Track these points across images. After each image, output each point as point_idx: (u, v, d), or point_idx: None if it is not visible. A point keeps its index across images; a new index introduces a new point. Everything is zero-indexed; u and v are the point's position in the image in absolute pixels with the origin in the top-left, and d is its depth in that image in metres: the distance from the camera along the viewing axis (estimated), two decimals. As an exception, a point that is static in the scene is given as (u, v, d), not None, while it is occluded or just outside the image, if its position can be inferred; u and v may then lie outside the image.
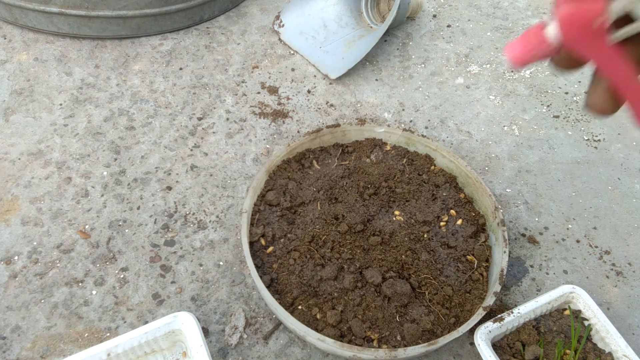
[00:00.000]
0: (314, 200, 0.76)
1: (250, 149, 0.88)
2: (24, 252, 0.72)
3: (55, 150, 0.85)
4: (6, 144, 0.85)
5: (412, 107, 0.98)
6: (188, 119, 0.92)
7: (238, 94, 0.98)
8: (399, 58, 1.09)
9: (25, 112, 0.90)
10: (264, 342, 0.66)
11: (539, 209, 0.83)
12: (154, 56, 1.03)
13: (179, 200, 0.80)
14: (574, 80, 1.07)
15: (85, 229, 0.75)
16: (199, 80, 0.99)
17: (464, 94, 1.02)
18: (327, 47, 1.08)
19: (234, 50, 1.07)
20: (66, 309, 0.67)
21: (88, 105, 0.92)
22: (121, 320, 0.66)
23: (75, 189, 0.80)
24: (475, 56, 1.11)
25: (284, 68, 1.04)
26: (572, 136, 0.96)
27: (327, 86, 1.01)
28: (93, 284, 0.69)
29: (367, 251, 0.70)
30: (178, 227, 0.76)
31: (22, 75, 0.97)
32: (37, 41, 1.03)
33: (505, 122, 0.97)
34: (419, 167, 0.82)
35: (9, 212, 0.76)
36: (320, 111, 0.96)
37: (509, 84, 1.05)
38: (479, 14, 1.23)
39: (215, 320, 0.67)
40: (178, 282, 0.71)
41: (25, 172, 0.81)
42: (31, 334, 0.64)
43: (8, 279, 0.69)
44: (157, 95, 0.96)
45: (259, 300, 0.69)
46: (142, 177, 0.82)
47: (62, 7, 0.97)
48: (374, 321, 0.64)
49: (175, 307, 0.68)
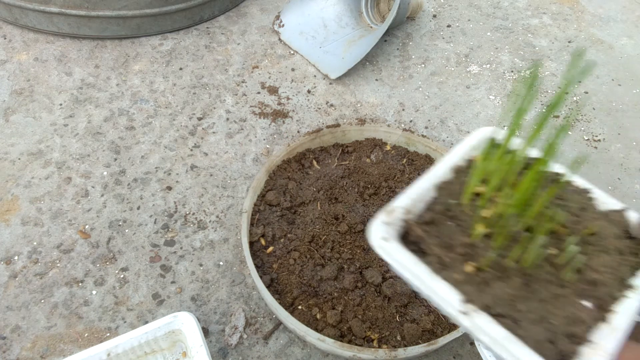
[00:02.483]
0: (314, 200, 0.76)
1: (250, 149, 0.88)
2: (24, 252, 0.72)
3: (55, 150, 0.85)
4: (6, 144, 0.85)
5: (412, 107, 0.98)
6: (188, 119, 0.92)
7: (238, 94, 0.98)
8: (399, 58, 1.09)
9: (25, 112, 0.90)
10: (264, 342, 0.66)
11: (539, 209, 0.83)
12: (154, 56, 1.03)
13: (179, 200, 0.80)
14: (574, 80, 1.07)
15: (85, 229, 0.75)
16: (199, 80, 0.99)
17: (464, 94, 1.02)
18: (327, 47, 1.08)
19: (234, 50, 1.07)
20: (66, 309, 0.67)
21: (88, 105, 0.92)
22: (121, 320, 0.66)
23: (75, 189, 0.80)
24: (475, 56, 1.11)
25: (284, 68, 1.04)
26: (572, 136, 0.96)
27: (327, 86, 1.01)
28: (93, 284, 0.69)
29: (367, 251, 0.70)
30: (178, 227, 0.76)
31: (22, 75, 0.97)
32: (37, 41, 1.03)
33: (505, 122, 0.97)
34: (419, 167, 0.82)
35: (9, 212, 0.76)
36: (320, 111, 0.96)
37: (509, 84, 1.05)
38: (479, 14, 1.23)
39: (215, 320, 0.67)
40: (178, 282, 0.71)
41: (25, 172, 0.81)
42: (31, 334, 0.64)
43: (8, 279, 0.69)
44: (157, 95, 0.96)
45: (259, 300, 0.69)
46: (142, 177, 0.82)
47: (62, 7, 0.97)
48: (374, 321, 0.64)
49: (175, 307, 0.68)
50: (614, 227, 0.34)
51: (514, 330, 0.27)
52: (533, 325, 0.28)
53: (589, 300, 0.29)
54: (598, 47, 1.16)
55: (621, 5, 1.29)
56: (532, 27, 1.20)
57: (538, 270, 0.30)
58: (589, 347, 0.27)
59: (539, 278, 0.30)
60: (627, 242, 0.33)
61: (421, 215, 0.33)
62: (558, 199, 0.35)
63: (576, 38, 1.18)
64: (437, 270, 0.30)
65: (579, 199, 0.36)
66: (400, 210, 0.33)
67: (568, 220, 0.34)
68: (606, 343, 0.27)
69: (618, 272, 0.31)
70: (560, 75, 1.08)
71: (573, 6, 1.27)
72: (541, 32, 1.19)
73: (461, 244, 0.31)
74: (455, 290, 0.29)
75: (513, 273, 0.30)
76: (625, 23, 1.23)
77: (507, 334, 0.27)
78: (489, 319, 0.28)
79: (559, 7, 1.27)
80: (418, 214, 0.34)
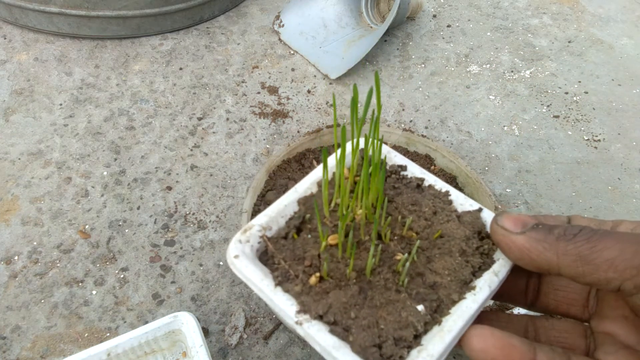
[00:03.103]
0: (314, 200, 0.76)
1: (250, 149, 0.88)
2: (24, 252, 0.72)
3: (55, 150, 0.85)
4: (6, 144, 0.85)
5: (412, 107, 0.98)
6: (188, 119, 0.92)
7: (238, 94, 0.98)
8: (399, 58, 1.09)
9: (25, 112, 0.90)
10: (264, 342, 0.66)
11: (539, 209, 0.83)
12: (154, 56, 1.03)
13: (179, 200, 0.80)
14: (574, 80, 1.07)
15: (85, 229, 0.75)
16: (199, 80, 0.99)
17: (464, 94, 1.02)
18: (327, 47, 1.08)
19: (234, 50, 1.07)
20: (66, 309, 0.67)
21: (88, 105, 0.92)
22: (121, 320, 0.66)
23: (75, 189, 0.80)
24: (475, 56, 1.11)
25: (284, 68, 1.04)
26: (572, 136, 0.96)
27: (327, 86, 1.01)
28: (93, 284, 0.69)
29: (367, 251, 0.70)
30: (178, 227, 0.76)
31: (22, 75, 0.97)
32: (37, 41, 1.03)
33: (505, 122, 0.97)
34: (419, 166, 0.82)
35: (9, 212, 0.76)
36: (320, 111, 0.96)
37: (509, 84, 1.05)
38: (479, 14, 1.23)
39: (215, 320, 0.67)
40: (178, 282, 0.71)
41: (25, 172, 0.81)
42: (31, 334, 0.64)
43: (8, 279, 0.69)
44: (157, 95, 0.96)
45: (259, 300, 0.69)
46: (142, 177, 0.82)
47: (62, 7, 0.97)
48: (374, 321, 0.64)
49: (175, 307, 0.68)
50: (464, 229, 0.34)
51: (344, 337, 0.28)
52: (363, 332, 0.28)
53: (424, 304, 0.30)
54: (598, 47, 1.16)
55: (621, 5, 1.29)
56: (532, 27, 1.20)
57: (378, 277, 0.31)
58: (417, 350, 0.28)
59: (377, 285, 0.31)
60: (477, 242, 0.34)
61: (280, 230, 0.34)
62: (412, 204, 0.36)
63: (576, 38, 1.18)
64: (280, 283, 0.31)
65: (433, 202, 0.36)
66: (256, 227, 0.34)
67: (419, 225, 0.35)
68: (433, 346, 0.28)
69: (459, 274, 0.32)
70: (560, 75, 1.08)
71: (573, 6, 1.27)
72: (541, 32, 1.19)
73: (310, 256, 0.32)
74: (293, 301, 0.30)
75: (353, 282, 0.31)
76: (625, 23, 1.23)
77: (336, 341, 0.28)
78: (321, 327, 0.28)
79: (559, 7, 1.27)
80: (278, 230, 0.34)
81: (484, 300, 0.31)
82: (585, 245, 0.27)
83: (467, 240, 0.33)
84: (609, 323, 0.31)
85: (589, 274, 0.26)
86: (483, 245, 0.34)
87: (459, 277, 0.31)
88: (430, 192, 0.38)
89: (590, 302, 0.33)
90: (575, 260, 0.27)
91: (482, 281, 0.31)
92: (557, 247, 0.28)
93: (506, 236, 0.30)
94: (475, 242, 0.34)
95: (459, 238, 0.33)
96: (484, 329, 0.28)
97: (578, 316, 0.33)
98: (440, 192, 0.38)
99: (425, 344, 0.28)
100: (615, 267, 0.25)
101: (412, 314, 0.29)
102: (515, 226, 0.30)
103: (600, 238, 0.27)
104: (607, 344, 0.30)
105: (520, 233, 0.29)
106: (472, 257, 0.33)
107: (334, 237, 0.32)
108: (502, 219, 0.31)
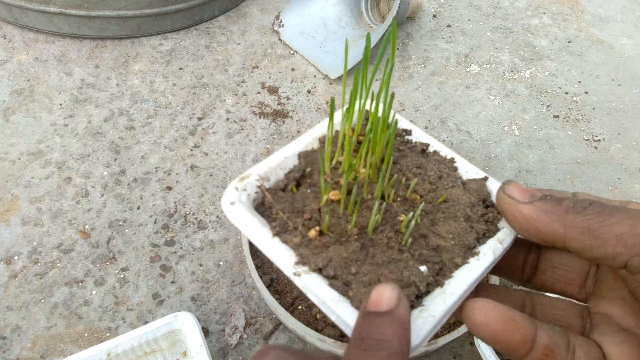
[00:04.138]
0: (314, 200, 0.76)
1: (250, 149, 0.88)
2: (24, 252, 0.72)
3: (55, 150, 0.85)
4: (6, 144, 0.85)
5: (412, 107, 0.98)
6: (188, 119, 0.92)
7: (238, 94, 0.98)
8: (399, 58, 1.09)
9: (25, 112, 0.90)
10: (264, 342, 0.66)
11: (539, 209, 0.83)
12: (154, 56, 1.03)
13: (179, 200, 0.80)
14: (574, 80, 1.07)
15: (85, 229, 0.75)
16: (199, 80, 0.99)
17: (464, 94, 1.02)
18: (327, 47, 1.08)
19: (234, 50, 1.07)
20: (66, 309, 0.67)
21: (88, 105, 0.92)
22: (121, 320, 0.66)
23: (75, 189, 0.80)
24: (475, 56, 1.11)
25: (284, 68, 1.04)
26: (572, 136, 0.96)
27: (327, 86, 1.01)
28: (93, 284, 0.69)
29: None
30: (178, 227, 0.76)
31: (22, 75, 0.97)
32: (37, 41, 1.03)
33: (505, 122, 0.97)
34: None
35: (9, 212, 0.76)
36: (320, 111, 0.96)
37: (509, 84, 1.05)
38: (479, 14, 1.23)
39: (215, 320, 0.67)
40: (178, 282, 0.71)
41: (25, 172, 0.81)
42: (31, 334, 0.64)
43: (8, 279, 0.69)
44: (157, 95, 0.96)
45: (259, 300, 0.69)
46: (142, 177, 0.82)
47: (62, 7, 0.97)
48: (374, 321, 0.64)
49: (175, 307, 0.68)
50: (470, 195, 0.34)
51: (344, 292, 0.28)
52: (364, 287, 0.28)
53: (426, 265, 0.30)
54: (598, 47, 1.16)
55: (621, 5, 1.29)
56: (532, 27, 1.20)
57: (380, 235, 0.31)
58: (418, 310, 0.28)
59: (379, 243, 0.31)
60: (482, 210, 0.33)
61: (278, 182, 0.34)
62: (417, 167, 0.35)
63: (576, 38, 1.18)
64: (278, 233, 0.30)
65: (438, 167, 0.36)
66: (254, 176, 0.33)
67: (423, 188, 0.34)
68: (435, 306, 0.28)
69: (464, 239, 0.31)
70: (560, 75, 1.08)
71: (573, 6, 1.27)
72: (541, 32, 1.19)
73: (310, 210, 0.32)
74: (292, 252, 0.29)
75: (354, 238, 0.31)
76: (625, 23, 1.23)
77: (336, 295, 0.27)
78: (320, 280, 0.28)
79: (559, 7, 1.27)
80: (276, 181, 0.34)
81: (488, 266, 0.30)
82: (596, 218, 0.26)
83: (472, 207, 0.33)
84: (607, 304, 0.30)
85: (596, 248, 0.26)
86: (488, 214, 0.33)
87: (463, 241, 0.31)
88: (436, 157, 0.37)
89: (588, 282, 0.32)
90: (583, 233, 0.26)
91: (486, 247, 0.31)
92: (565, 219, 0.27)
93: (513, 205, 0.29)
94: (480, 209, 0.33)
95: (463, 204, 0.33)
96: (486, 302, 0.27)
97: (574, 296, 0.33)
98: (445, 159, 0.37)
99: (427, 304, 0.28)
100: (624, 242, 0.25)
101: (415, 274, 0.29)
102: (523, 195, 0.29)
103: (611, 212, 0.26)
104: (604, 325, 0.29)
105: (527, 202, 0.29)
106: (477, 223, 0.32)
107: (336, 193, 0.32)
108: (509, 188, 0.30)
